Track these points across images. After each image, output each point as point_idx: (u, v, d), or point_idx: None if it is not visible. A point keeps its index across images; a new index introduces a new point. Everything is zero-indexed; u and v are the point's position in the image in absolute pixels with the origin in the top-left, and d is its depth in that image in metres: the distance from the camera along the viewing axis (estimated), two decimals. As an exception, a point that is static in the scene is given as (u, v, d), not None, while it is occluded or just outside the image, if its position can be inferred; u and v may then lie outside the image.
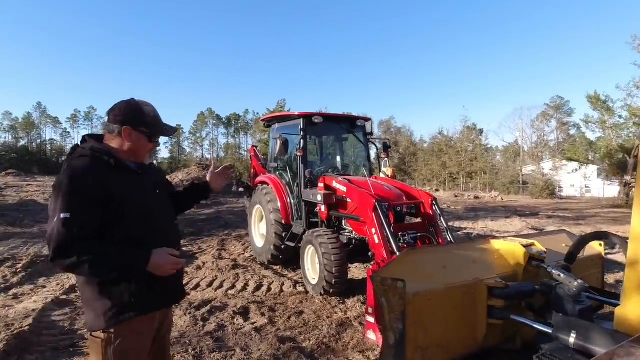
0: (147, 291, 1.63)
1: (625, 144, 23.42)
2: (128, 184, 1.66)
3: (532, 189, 33.21)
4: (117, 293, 1.58)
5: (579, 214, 16.96)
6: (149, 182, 1.79)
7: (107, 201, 1.54)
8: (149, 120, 1.74)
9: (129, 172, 1.70)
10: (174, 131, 1.91)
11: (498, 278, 2.82)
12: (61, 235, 1.43)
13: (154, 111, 1.77)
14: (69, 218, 1.44)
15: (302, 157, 5.61)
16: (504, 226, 11.79)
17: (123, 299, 1.58)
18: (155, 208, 1.73)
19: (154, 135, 1.78)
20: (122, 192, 1.59)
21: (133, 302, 1.59)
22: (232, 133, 73.42)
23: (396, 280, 2.39)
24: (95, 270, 1.50)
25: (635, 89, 23.05)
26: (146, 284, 1.62)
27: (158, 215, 1.74)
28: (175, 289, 1.86)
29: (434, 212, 4.75)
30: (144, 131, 1.71)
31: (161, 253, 1.59)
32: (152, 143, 1.79)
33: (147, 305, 1.65)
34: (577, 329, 2.35)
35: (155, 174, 1.94)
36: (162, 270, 1.59)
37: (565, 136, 45.99)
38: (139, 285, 1.61)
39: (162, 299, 1.76)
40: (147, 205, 1.69)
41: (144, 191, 1.73)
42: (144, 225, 1.65)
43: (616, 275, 5.76)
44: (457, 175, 45.85)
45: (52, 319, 4.00)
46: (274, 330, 3.71)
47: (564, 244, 3.73)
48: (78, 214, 1.47)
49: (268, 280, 5.47)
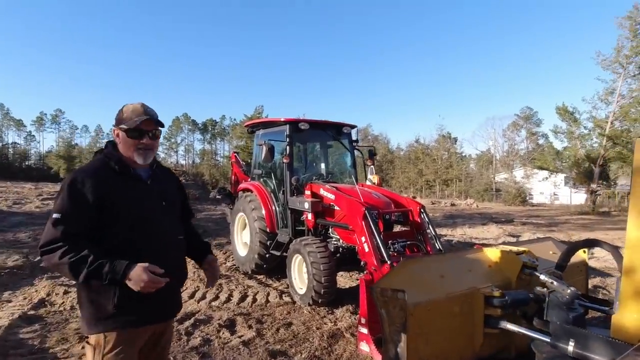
0: (132, 304, 1.56)
1: (591, 153, 24.60)
2: (130, 190, 1.62)
3: (505, 196, 34.32)
4: (102, 302, 1.55)
5: (551, 220, 17.59)
6: (157, 191, 1.73)
7: (102, 205, 1.52)
8: (127, 115, 1.67)
9: (135, 179, 1.67)
10: (150, 123, 1.70)
11: (494, 287, 2.81)
12: (48, 234, 1.47)
13: (134, 107, 1.70)
14: (59, 218, 1.48)
15: (288, 164, 5.51)
16: (481, 233, 12.03)
17: (106, 309, 1.55)
18: (157, 219, 1.67)
19: (132, 129, 1.65)
20: (119, 198, 1.57)
21: (116, 314, 1.55)
22: (208, 139, 72.18)
23: (396, 290, 2.34)
24: (73, 272, 1.45)
25: (600, 101, 24.34)
26: (132, 296, 1.53)
27: (159, 226, 1.66)
28: (165, 303, 1.74)
29: (422, 220, 4.75)
30: (122, 127, 1.66)
31: (141, 268, 1.49)
32: (133, 139, 1.66)
33: (130, 319, 1.59)
34: (576, 338, 2.36)
35: (168, 184, 1.86)
36: (140, 287, 1.49)
37: (534, 145, 47.99)
38: (124, 297, 1.53)
39: (150, 314, 1.66)
40: (147, 215, 1.63)
41: (147, 200, 1.67)
42: (141, 234, 1.60)
43: (592, 280, 5.93)
44: (433, 182, 46.76)
45: (20, 336, 3.69)
46: (263, 344, 3.56)
47: (551, 251, 3.80)
48: (69, 215, 1.49)
49: (253, 290, 5.30)
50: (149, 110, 1.71)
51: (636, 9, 22.10)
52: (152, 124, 1.70)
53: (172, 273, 1.64)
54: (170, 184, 1.88)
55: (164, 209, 1.72)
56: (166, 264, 1.58)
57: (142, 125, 1.66)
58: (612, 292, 5.45)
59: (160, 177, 1.81)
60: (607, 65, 23.49)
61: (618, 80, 23.28)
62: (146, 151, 1.69)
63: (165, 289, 1.61)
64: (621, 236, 10.98)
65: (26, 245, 7.75)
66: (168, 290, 1.65)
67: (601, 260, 7.49)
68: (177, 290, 1.85)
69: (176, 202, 1.86)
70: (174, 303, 1.84)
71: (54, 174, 50.56)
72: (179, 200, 1.92)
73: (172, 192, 1.85)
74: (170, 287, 1.64)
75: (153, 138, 1.72)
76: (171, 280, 1.60)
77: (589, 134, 25.40)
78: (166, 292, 1.63)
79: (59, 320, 4.09)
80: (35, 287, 5.19)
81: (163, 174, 1.86)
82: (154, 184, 1.73)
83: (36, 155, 66.85)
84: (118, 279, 1.46)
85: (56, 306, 4.52)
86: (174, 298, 1.82)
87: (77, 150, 59.71)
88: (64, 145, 60.77)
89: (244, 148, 27.48)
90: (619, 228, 14.36)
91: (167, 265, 1.59)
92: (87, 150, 59.10)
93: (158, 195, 1.73)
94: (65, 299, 4.68)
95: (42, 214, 13.36)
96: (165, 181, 1.83)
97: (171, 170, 2.08)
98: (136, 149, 1.67)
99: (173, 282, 1.65)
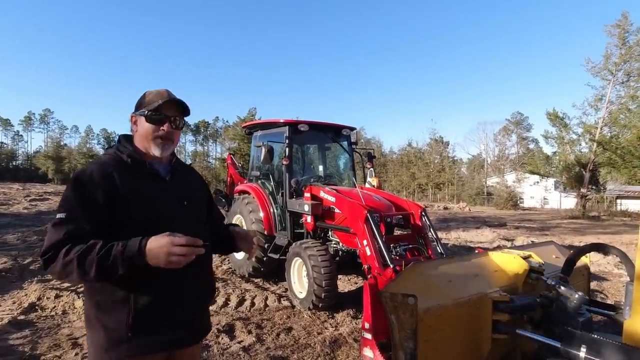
0: (150, 324, 1.34)
1: (581, 158, 24.95)
2: (144, 188, 1.42)
3: (497, 200, 34.65)
4: (113, 324, 1.31)
5: (543, 224, 17.76)
6: (177, 190, 1.52)
7: (112, 204, 1.32)
8: (149, 97, 1.48)
9: (152, 176, 1.47)
10: (174, 108, 1.50)
11: (501, 291, 2.77)
12: (52, 238, 1.25)
13: (158, 91, 1.50)
14: (64, 218, 1.27)
15: (287, 166, 5.43)
16: (476, 237, 12.06)
17: (120, 332, 1.31)
18: (175, 221, 1.42)
19: (154, 110, 1.44)
20: (131, 196, 1.36)
21: (131, 337, 1.31)
22: (201, 140, 71.79)
23: (407, 295, 2.28)
24: (82, 268, 1.20)
25: (589, 107, 24.72)
26: (151, 314, 1.33)
27: (177, 229, 1.38)
28: (192, 323, 1.48)
29: (423, 223, 4.71)
30: (143, 112, 1.46)
31: (159, 236, 1.25)
32: (153, 124, 1.45)
33: (149, 343, 1.35)
34: (588, 343, 2.32)
35: (191, 182, 1.65)
36: (166, 260, 1.22)
37: (524, 150, 48.61)
38: (141, 316, 1.32)
39: (173, 336, 1.40)
40: (163, 216, 1.41)
41: (164, 199, 1.46)
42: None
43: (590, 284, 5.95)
44: (425, 186, 47.02)
45: (10, 342, 3.54)
46: (264, 350, 3.48)
47: (554, 255, 3.78)
48: (75, 214, 1.28)
49: (251, 294, 5.20)
50: (174, 96, 1.51)
51: (624, 18, 22.57)
52: (176, 109, 1.50)
53: (195, 285, 1.45)
54: (193, 182, 1.68)
55: (185, 210, 1.51)
56: (186, 274, 1.36)
57: (164, 108, 1.46)
58: (610, 296, 5.47)
59: (182, 174, 1.60)
60: (596, 72, 23.92)
61: (607, 86, 23.69)
62: (165, 141, 1.48)
63: (189, 306, 1.45)
64: (613, 240, 11.11)
65: (14, 248, 7.54)
66: (193, 307, 1.48)
67: (596, 265, 7.54)
68: (203, 307, 1.61)
69: (200, 203, 1.65)
70: (202, 322, 1.58)
71: (42, 174, 49.72)
72: (204, 200, 1.70)
73: (195, 191, 1.64)
74: (194, 302, 1.47)
75: (175, 127, 1.50)
76: (195, 294, 1.45)
77: (578, 139, 25.79)
78: (191, 308, 1.46)
79: (51, 326, 3.95)
80: (25, 290, 5.01)
81: (185, 171, 1.66)
82: (173, 181, 1.53)
83: (24, 155, 65.81)
84: (135, 257, 1.21)
85: (47, 311, 4.37)
86: (201, 316, 1.57)
87: (66, 151, 58.82)
88: (53, 146, 59.91)
89: (237, 150, 27.29)
90: (610, 232, 14.55)
91: (188, 276, 1.40)
92: (76, 151, 58.27)
93: (178, 194, 1.51)
94: (56, 303, 4.53)
95: (30, 215, 13.08)
96: (188, 179, 1.64)
97: (193, 168, 1.86)
98: (154, 138, 1.46)
99: (197, 296, 1.49)
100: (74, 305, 4.49)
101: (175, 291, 1.40)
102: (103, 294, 1.34)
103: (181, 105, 1.51)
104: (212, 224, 1.70)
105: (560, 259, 3.66)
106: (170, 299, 1.39)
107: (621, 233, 14.18)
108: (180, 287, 1.40)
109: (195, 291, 1.47)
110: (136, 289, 1.32)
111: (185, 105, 1.52)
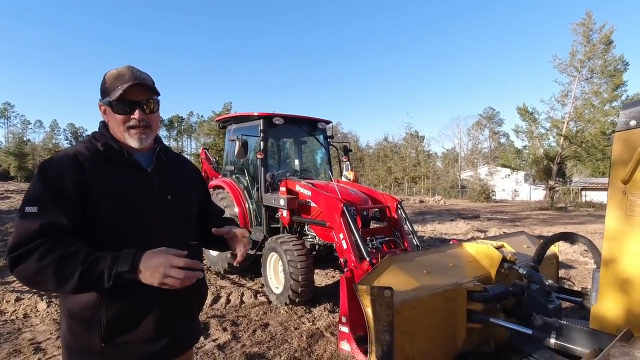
0: (127, 333, 1.19)
1: (549, 152, 25.94)
2: (121, 180, 1.25)
3: (470, 193, 35.62)
4: (86, 333, 1.17)
5: (514, 216, 18.37)
6: (160, 182, 1.34)
7: (83, 196, 1.16)
8: (110, 82, 1.28)
9: (131, 168, 1.30)
10: (141, 91, 1.29)
11: (476, 281, 2.81)
12: (20, 232, 1.07)
13: (119, 71, 1.29)
14: (33, 211, 1.09)
15: (262, 160, 5.33)
16: (451, 229, 12.32)
17: (92, 342, 1.17)
18: (155, 217, 1.27)
19: (117, 100, 1.25)
20: (105, 188, 1.20)
21: (105, 348, 1.17)
22: (175, 136, 70.00)
23: (383, 288, 2.26)
24: (60, 278, 1.04)
25: (557, 103, 25.67)
26: (127, 322, 1.19)
27: (158, 227, 1.27)
28: (177, 331, 1.31)
29: (399, 216, 4.73)
30: (108, 102, 1.27)
31: (157, 251, 1.11)
32: (121, 114, 1.27)
33: (125, 355, 1.20)
34: (557, 329, 2.38)
35: (179, 175, 1.46)
36: (162, 280, 1.08)
37: (496, 144, 50.13)
38: (115, 323, 1.17)
39: (154, 347, 1.24)
40: (141, 211, 1.25)
41: (144, 193, 1.29)
42: (131, 237, 1.20)
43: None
44: (401, 180, 47.75)
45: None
46: (240, 347, 3.40)
47: (525, 245, 3.87)
48: (45, 204, 1.11)
49: (226, 290, 5.09)
50: (139, 74, 1.30)
51: (589, 17, 23.49)
52: (144, 91, 1.30)
53: (179, 292, 1.17)
54: (182, 175, 1.48)
55: (169, 206, 1.33)
56: None
57: (129, 94, 1.25)
58: (577, 283, 5.70)
59: (168, 164, 1.42)
60: (562, 69, 24.82)
61: (573, 83, 24.65)
62: (142, 129, 1.29)
63: (173, 315, 1.27)
64: (579, 230, 11.60)
65: (-28, 249, 7.08)
66: (179, 313, 1.30)
67: (563, 253, 7.84)
68: (191, 314, 1.42)
69: (188, 197, 1.45)
70: (190, 330, 1.39)
71: (3, 172, 47.16)
72: (194, 195, 1.51)
73: (182, 185, 1.44)
74: (178, 311, 1.29)
75: (149, 111, 1.31)
76: (180, 301, 1.28)
77: (547, 134, 26.77)
78: (175, 317, 1.28)
79: (10, 331, 3.72)
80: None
81: (172, 161, 1.45)
82: (156, 173, 1.35)
83: (-17, 151, 62.11)
84: (127, 273, 1.07)
85: (7, 315, 4.12)
86: (188, 323, 1.38)
87: (29, 147, 56.00)
88: (15, 141, 56.85)
89: (212, 145, 26.78)
90: (576, 222, 15.22)
91: None
92: (40, 147, 55.56)
93: (161, 187, 1.33)
94: (17, 306, 4.27)
95: (-10, 214, 12.34)
96: (175, 170, 1.44)
97: (185, 158, 1.64)
98: (127, 129, 1.28)
99: (182, 303, 1.32)
100: (36, 308, 4.25)
101: (155, 298, 1.22)
102: (74, 300, 1.19)
103: (147, 86, 1.31)
104: (210, 220, 1.55)
105: (531, 248, 3.76)
106: (149, 306, 1.22)
107: (586, 223, 14.86)
108: (161, 293, 1.16)
109: (180, 298, 1.28)
110: (110, 296, 1.16)
111: (153, 84, 1.34)
